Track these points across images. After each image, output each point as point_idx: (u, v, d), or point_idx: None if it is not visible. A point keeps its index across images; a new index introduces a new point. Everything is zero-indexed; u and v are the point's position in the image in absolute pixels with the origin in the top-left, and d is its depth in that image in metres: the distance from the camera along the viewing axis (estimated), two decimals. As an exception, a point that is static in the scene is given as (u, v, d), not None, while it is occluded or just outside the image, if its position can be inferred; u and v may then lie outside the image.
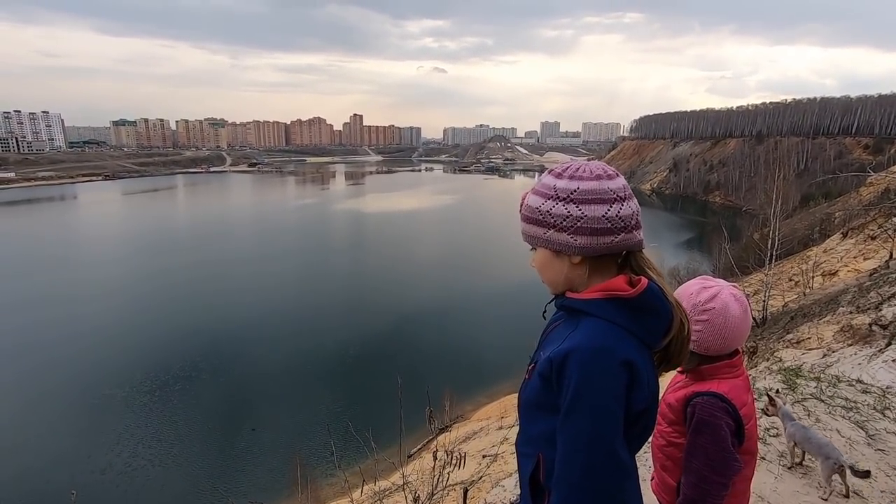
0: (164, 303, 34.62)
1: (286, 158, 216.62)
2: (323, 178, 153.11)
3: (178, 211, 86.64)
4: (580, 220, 1.06)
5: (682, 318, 1.12)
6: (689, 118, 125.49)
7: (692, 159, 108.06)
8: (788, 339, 13.54)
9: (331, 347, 27.34)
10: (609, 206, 1.06)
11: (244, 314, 32.19)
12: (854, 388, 2.57)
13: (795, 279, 23.88)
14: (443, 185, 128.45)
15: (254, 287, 37.76)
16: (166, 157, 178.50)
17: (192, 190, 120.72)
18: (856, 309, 12.77)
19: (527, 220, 1.14)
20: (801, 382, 2.61)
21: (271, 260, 46.09)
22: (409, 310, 33.00)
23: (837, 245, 27.05)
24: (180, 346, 27.62)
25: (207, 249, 50.36)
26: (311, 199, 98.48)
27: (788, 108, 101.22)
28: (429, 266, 44.83)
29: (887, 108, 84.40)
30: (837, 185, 48.00)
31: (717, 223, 42.47)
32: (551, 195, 1.10)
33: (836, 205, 40.73)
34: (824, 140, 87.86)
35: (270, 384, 23.76)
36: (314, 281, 39.97)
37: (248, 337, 28.79)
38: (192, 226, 68.01)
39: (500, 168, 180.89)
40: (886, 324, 10.09)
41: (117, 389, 23.17)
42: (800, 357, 11.67)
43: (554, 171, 1.14)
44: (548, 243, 1.11)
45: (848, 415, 2.34)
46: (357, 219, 74.58)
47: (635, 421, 1.06)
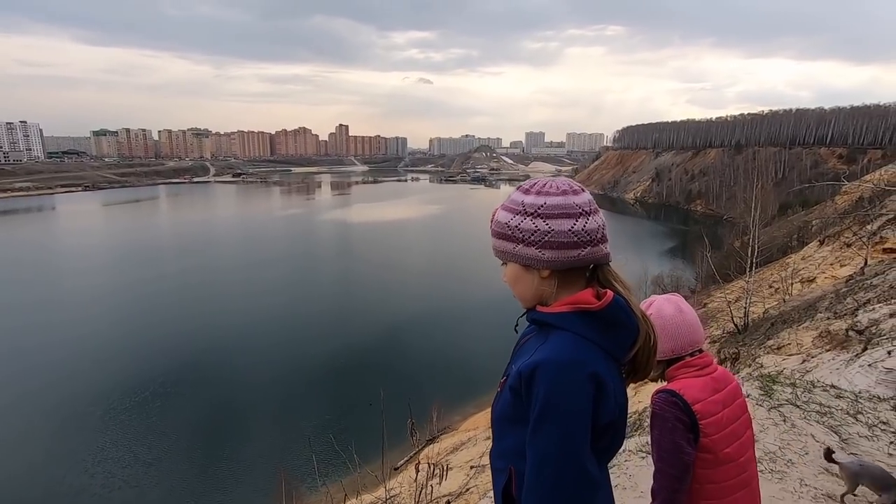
0: (143, 315, 33.91)
1: (271, 169, 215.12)
2: (308, 189, 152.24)
3: (160, 222, 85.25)
4: (547, 234, 1.08)
5: (649, 331, 1.14)
6: (671, 129, 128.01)
7: (674, 169, 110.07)
8: (769, 346, 13.78)
9: (317, 359, 27.00)
10: (575, 220, 1.09)
11: (227, 326, 31.66)
12: (828, 394, 2.62)
13: (775, 286, 24.38)
14: (429, 195, 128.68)
15: (237, 298, 37.23)
16: (148, 168, 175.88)
17: (175, 201, 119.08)
18: (833, 315, 13.07)
19: (497, 235, 1.16)
20: (778, 388, 2.66)
21: (256, 271, 45.55)
22: (397, 320, 32.82)
23: (815, 252, 27.71)
24: (161, 359, 27.01)
25: (190, 260, 49.59)
26: (297, 210, 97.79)
27: (766, 119, 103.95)
28: (416, 275, 44.71)
29: (859, 119, 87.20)
30: (814, 193, 49.26)
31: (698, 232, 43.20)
32: (519, 210, 1.12)
33: (813, 213, 41.76)
34: (800, 150, 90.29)
35: (254, 398, 23.32)
36: (300, 292, 39.55)
37: (232, 350, 28.31)
38: (174, 236, 66.97)
39: (486, 178, 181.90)
40: (862, 329, 10.33)
41: (93, 407, 22.50)
42: (780, 363, 11.87)
43: (522, 188, 1.16)
44: (517, 258, 1.13)
45: (822, 419, 2.38)
46: (343, 229, 74.22)
47: (603, 433, 1.07)
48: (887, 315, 9.99)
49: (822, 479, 2.17)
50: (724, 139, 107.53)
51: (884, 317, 10.13)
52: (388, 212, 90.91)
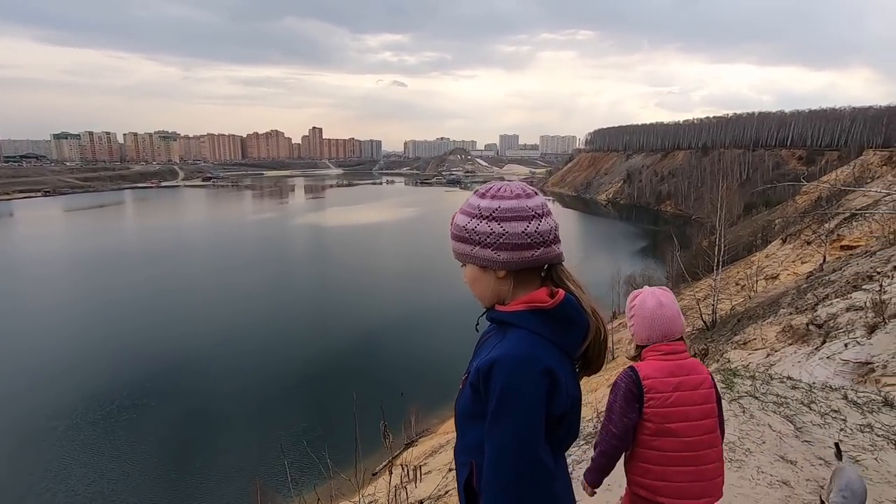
0: (107, 324, 32.69)
1: (243, 172, 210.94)
2: (281, 192, 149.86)
3: (125, 227, 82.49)
4: (502, 236, 1.13)
5: (599, 326, 1.21)
6: (641, 131, 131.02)
7: (644, 170, 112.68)
8: (736, 341, 14.24)
9: (292, 365, 26.56)
10: (528, 222, 1.14)
11: (197, 334, 30.83)
12: (785, 385, 2.74)
13: (741, 283, 25.19)
14: (404, 197, 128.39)
15: (207, 305, 36.29)
16: (113, 172, 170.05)
17: (142, 205, 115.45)
18: (795, 310, 13.60)
19: (455, 238, 1.21)
20: (738, 381, 2.76)
21: (226, 277, 44.51)
22: (373, 324, 32.58)
23: (778, 250, 28.78)
24: (128, 370, 26.10)
25: (157, 267, 48.10)
26: (270, 214, 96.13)
27: (730, 122, 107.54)
28: (392, 279, 44.51)
29: (817, 122, 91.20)
30: (776, 194, 51.14)
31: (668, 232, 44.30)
32: (476, 214, 1.17)
33: (776, 213, 43.37)
34: (763, 152, 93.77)
35: (227, 407, 22.73)
36: (273, 297, 38.84)
37: (202, 358, 27.58)
38: (140, 242, 64.88)
39: (462, 180, 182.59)
40: (821, 323, 10.78)
41: (57, 421, 21.57)
42: (746, 357, 12.28)
43: (478, 192, 1.21)
44: (475, 259, 1.18)
45: (779, 410, 2.48)
46: (317, 232, 73.31)
47: (557, 425, 1.12)
48: (844, 309, 10.45)
49: (777, 465, 2.27)
50: (692, 141, 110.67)
51: (841, 311, 10.59)
52: (363, 215, 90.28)
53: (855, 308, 10.31)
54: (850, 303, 10.81)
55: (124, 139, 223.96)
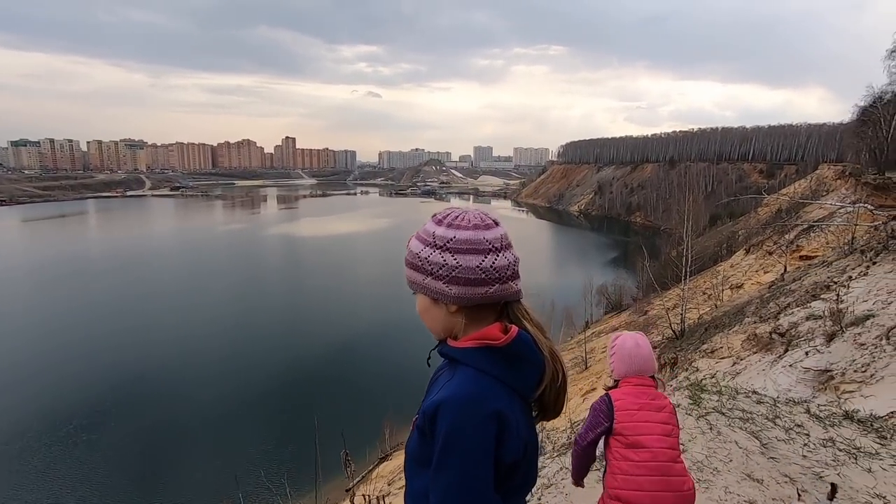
0: (65, 339, 31.08)
1: (213, 182, 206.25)
2: (253, 202, 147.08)
3: (87, 237, 79.27)
4: (455, 269, 1.06)
5: (557, 370, 1.13)
6: (611, 144, 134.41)
7: (615, 182, 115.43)
8: (704, 350, 14.56)
9: (257, 382, 25.62)
10: (484, 256, 1.06)
11: (159, 351, 29.43)
12: (750, 399, 2.77)
13: (708, 292, 25.89)
14: (379, 208, 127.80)
15: (169, 320, 34.79)
16: (75, 181, 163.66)
17: (106, 215, 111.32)
18: (759, 319, 14.01)
19: (408, 264, 1.14)
20: (705, 397, 2.78)
21: (192, 289, 43.14)
22: (345, 336, 32.04)
23: (742, 260, 29.76)
24: (86, 390, 24.74)
25: (119, 278, 46.28)
26: (241, 224, 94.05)
27: (695, 137, 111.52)
28: (365, 290, 43.99)
29: (777, 137, 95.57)
30: (739, 205, 53.00)
31: (638, 243, 45.32)
32: (430, 242, 1.10)
33: (739, 224, 44.96)
34: (727, 165, 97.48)
35: (185, 428, 21.62)
36: (241, 310, 37.78)
37: (161, 376, 26.25)
38: (103, 253, 62.36)
39: (437, 191, 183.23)
40: (783, 332, 11.11)
41: (7, 445, 20.31)
42: (714, 366, 12.55)
43: (436, 217, 1.14)
44: (426, 290, 1.10)
45: (744, 426, 2.50)
46: (290, 243, 72.06)
47: (511, 472, 1.04)
48: (804, 318, 10.81)
49: (744, 485, 2.27)
50: (660, 155, 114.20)
51: (801, 320, 10.96)
52: (337, 226, 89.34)
53: (814, 317, 10.68)
54: (810, 312, 11.20)
55: (88, 147, 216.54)
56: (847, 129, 48.37)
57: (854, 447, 2.30)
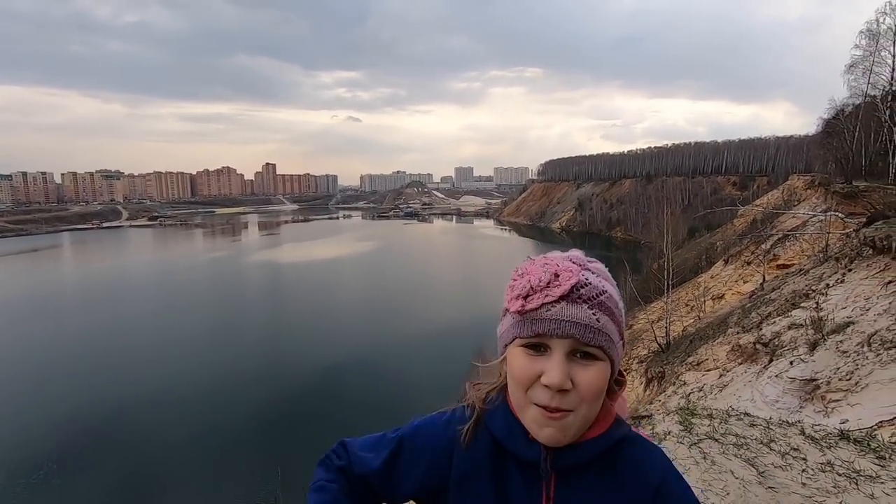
0: (35, 383, 29.73)
1: (192, 210, 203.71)
2: (234, 230, 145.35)
3: (62, 272, 76.99)
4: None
5: None
6: (589, 161, 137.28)
7: (594, 199, 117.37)
8: (690, 362, 14.55)
9: (246, 419, 24.65)
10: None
11: (134, 393, 27.86)
12: (743, 423, 2.67)
13: (690, 304, 26.12)
14: (362, 231, 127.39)
15: (149, 358, 33.31)
16: (49, 213, 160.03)
17: (81, 248, 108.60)
18: (741, 329, 14.09)
19: (610, 314, 0.79)
20: (696, 422, 2.66)
21: (171, 325, 41.81)
22: (331, 364, 31.33)
23: (721, 271, 30.20)
24: (57, 433, 23.46)
25: (95, 317, 44.73)
26: (222, 252, 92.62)
27: (670, 152, 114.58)
28: (349, 317, 43.36)
29: (748, 150, 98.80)
30: (716, 217, 54.19)
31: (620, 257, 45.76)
32: (619, 294, 0.85)
33: (717, 235, 45.84)
34: (701, 179, 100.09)
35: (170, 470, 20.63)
36: (221, 345, 36.64)
37: (141, 420, 24.82)
38: (77, 289, 60.56)
39: (419, 213, 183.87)
40: (767, 342, 11.16)
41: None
42: (700, 379, 12.53)
43: (598, 263, 0.89)
44: (618, 357, 0.80)
45: (739, 452, 2.38)
46: (273, 270, 71.03)
47: None
48: (786, 327, 10.90)
49: (743, 522, 2.15)
50: (636, 170, 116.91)
51: (783, 329, 11.04)
52: (320, 251, 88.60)
53: (796, 325, 10.77)
54: (791, 320, 11.30)
55: (62, 179, 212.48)
56: (813, 140, 50.16)
57: (853, 470, 2.20)
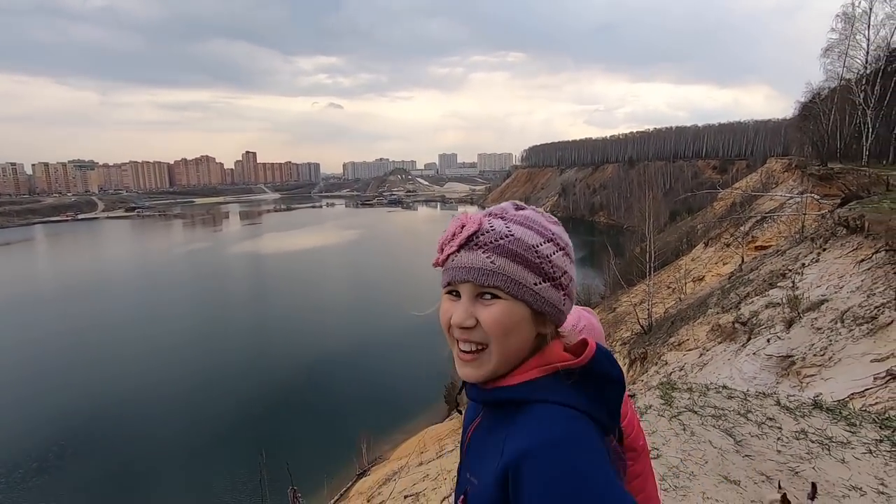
0: (9, 377, 29.14)
1: (171, 201, 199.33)
2: (215, 220, 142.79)
3: (35, 267, 74.89)
4: (572, 280, 0.85)
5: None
6: (572, 147, 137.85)
7: (578, 184, 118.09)
8: (671, 343, 14.88)
9: (233, 411, 24.46)
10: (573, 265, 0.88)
11: (114, 389, 27.27)
12: (721, 395, 2.74)
13: (672, 286, 26.63)
14: (346, 220, 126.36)
15: (128, 354, 32.53)
16: (20, 206, 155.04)
17: (55, 242, 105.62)
18: (721, 309, 14.43)
19: (512, 256, 0.80)
20: (677, 395, 2.72)
21: (151, 319, 41.04)
22: (317, 354, 31.25)
23: (702, 253, 30.78)
24: (34, 433, 23.05)
25: (72, 312, 43.66)
26: (202, 244, 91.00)
27: (652, 137, 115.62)
28: (334, 307, 43.22)
29: (727, 134, 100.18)
30: (696, 201, 55.08)
31: (603, 242, 46.29)
32: (550, 238, 0.84)
33: (697, 218, 46.61)
34: (682, 163, 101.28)
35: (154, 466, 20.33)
36: (204, 337, 36.16)
37: (121, 415, 24.45)
38: (53, 283, 59.06)
39: (403, 200, 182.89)
40: (745, 321, 11.45)
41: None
42: (682, 358, 12.82)
43: (528, 210, 0.90)
44: (536, 298, 0.79)
45: (717, 423, 2.45)
46: (255, 261, 70.19)
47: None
48: (763, 306, 11.19)
49: (722, 488, 2.21)
50: (619, 155, 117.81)
51: (761, 308, 11.34)
52: (303, 240, 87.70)
53: (773, 304, 11.07)
54: (769, 300, 11.61)
55: (33, 170, 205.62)
56: (790, 124, 51.01)
57: (826, 437, 2.28)
